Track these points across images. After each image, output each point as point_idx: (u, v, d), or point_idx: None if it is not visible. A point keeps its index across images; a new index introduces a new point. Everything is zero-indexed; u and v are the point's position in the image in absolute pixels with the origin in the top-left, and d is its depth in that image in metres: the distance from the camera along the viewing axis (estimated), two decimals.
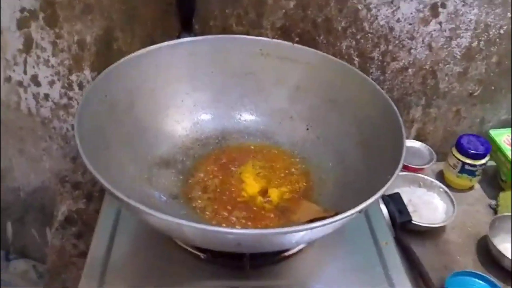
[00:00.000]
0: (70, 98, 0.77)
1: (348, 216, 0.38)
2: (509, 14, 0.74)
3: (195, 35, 0.66)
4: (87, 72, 0.74)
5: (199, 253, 0.50)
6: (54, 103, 0.77)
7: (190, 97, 0.60)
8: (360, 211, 0.39)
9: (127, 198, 0.36)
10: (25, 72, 0.74)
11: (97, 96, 0.49)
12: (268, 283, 0.50)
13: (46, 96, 0.76)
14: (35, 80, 0.75)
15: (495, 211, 0.78)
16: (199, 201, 0.53)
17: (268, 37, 0.71)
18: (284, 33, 0.72)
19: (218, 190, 0.55)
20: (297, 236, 0.39)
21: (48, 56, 0.72)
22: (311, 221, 0.40)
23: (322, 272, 0.52)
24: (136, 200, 0.37)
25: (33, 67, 0.73)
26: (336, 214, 0.40)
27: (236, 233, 0.36)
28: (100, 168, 0.40)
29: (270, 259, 0.51)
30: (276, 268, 0.51)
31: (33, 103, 0.77)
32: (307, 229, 0.37)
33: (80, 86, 0.76)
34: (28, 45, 0.71)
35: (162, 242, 0.52)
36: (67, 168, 0.84)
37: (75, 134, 0.42)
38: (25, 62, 0.73)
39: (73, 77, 0.75)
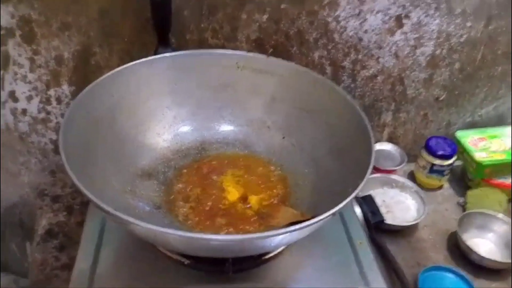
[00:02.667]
0: (48, 113, 0.77)
1: (323, 218, 0.41)
2: (468, 24, 0.79)
3: (172, 49, 0.68)
4: (65, 86, 0.75)
5: (182, 259, 0.52)
6: (32, 117, 0.77)
7: (170, 110, 0.62)
8: (334, 214, 0.41)
9: (113, 211, 0.38)
10: (2, 88, 0.74)
11: (80, 112, 0.50)
12: (250, 285, 0.52)
13: (24, 111, 0.76)
14: (13, 95, 0.75)
15: (464, 208, 0.81)
16: (182, 210, 0.55)
17: (243, 49, 0.74)
18: (259, 45, 0.75)
19: (199, 198, 0.57)
20: (277, 239, 0.41)
21: (26, 72, 0.72)
22: (290, 224, 0.42)
23: (301, 272, 0.55)
24: (121, 211, 0.39)
25: (10, 83, 0.73)
26: (313, 217, 0.42)
27: (219, 239, 0.38)
28: (85, 181, 0.41)
29: (252, 263, 0.54)
30: (258, 271, 0.53)
31: (11, 119, 0.77)
32: (286, 233, 0.40)
33: (58, 100, 0.76)
34: (5, 62, 0.71)
35: (146, 251, 0.54)
36: (46, 181, 0.84)
37: (60, 150, 0.43)
38: (2, 78, 0.73)
39: (51, 92, 0.75)
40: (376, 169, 0.83)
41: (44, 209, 0.78)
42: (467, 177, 0.86)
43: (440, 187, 0.86)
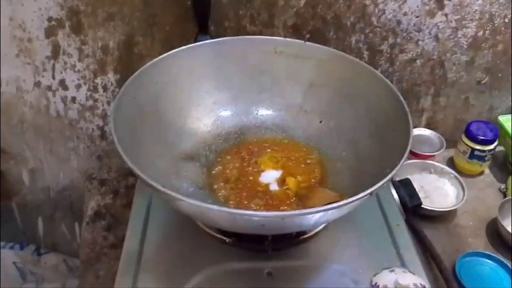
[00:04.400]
0: (95, 100, 0.81)
1: (360, 197, 0.42)
2: None
3: (211, 36, 0.70)
4: (110, 75, 0.79)
5: (224, 238, 0.55)
6: (80, 105, 0.82)
7: (210, 96, 0.64)
8: (371, 193, 0.42)
9: (165, 189, 0.40)
10: (53, 77, 0.78)
11: (128, 98, 0.53)
12: (288, 263, 0.54)
13: (73, 99, 0.81)
14: (63, 84, 0.79)
15: (505, 195, 0.80)
16: (223, 191, 0.57)
17: (280, 35, 0.75)
18: (296, 31, 0.76)
19: (239, 180, 0.59)
20: (315, 217, 0.43)
21: (75, 61, 0.77)
22: (327, 205, 0.44)
23: (338, 252, 0.56)
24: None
25: (61, 72, 0.78)
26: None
27: (261, 215, 0.40)
28: (135, 163, 0.44)
29: (290, 242, 0.55)
30: (295, 250, 0.55)
31: (61, 106, 0.82)
32: (324, 210, 0.41)
33: (105, 88, 0.80)
34: (55, 52, 0.75)
35: (190, 230, 0.57)
36: (94, 166, 0.89)
37: (113, 134, 0.46)
38: (53, 68, 0.77)
39: (98, 80, 0.79)
40: (414, 154, 0.83)
41: (92, 192, 0.82)
42: (509, 162, 0.84)
43: (481, 173, 0.85)
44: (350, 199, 0.41)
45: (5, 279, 0.92)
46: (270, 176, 0.60)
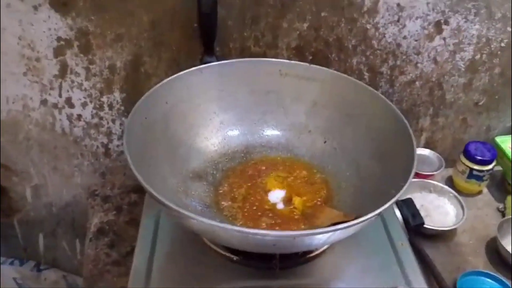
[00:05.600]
0: (101, 118, 0.82)
1: (369, 218, 0.43)
2: (509, 28, 0.79)
3: (217, 57, 0.71)
4: (116, 94, 0.80)
5: (232, 256, 0.55)
6: (86, 122, 0.82)
7: (217, 116, 0.66)
8: (379, 214, 0.43)
9: (176, 207, 0.41)
10: (60, 95, 0.79)
11: (139, 119, 0.54)
12: (296, 282, 0.55)
13: (79, 117, 0.82)
14: (69, 102, 0.80)
15: (503, 214, 0.81)
16: (230, 210, 0.58)
17: (283, 56, 0.77)
18: (299, 53, 0.78)
19: (246, 199, 0.60)
20: (325, 237, 0.44)
21: (82, 80, 0.78)
22: (333, 224, 0.45)
23: (344, 271, 0.57)
24: None
25: (67, 90, 0.79)
26: (356, 217, 0.45)
27: (274, 235, 0.41)
28: (147, 182, 0.45)
29: (297, 260, 0.56)
30: (303, 269, 0.56)
31: (67, 124, 0.82)
32: (334, 230, 0.42)
33: (110, 106, 0.81)
34: (63, 70, 0.77)
35: (198, 248, 0.57)
36: (97, 183, 0.89)
37: (126, 154, 0.47)
38: (60, 86, 0.78)
39: (104, 99, 0.80)
40: (414, 174, 0.84)
41: (96, 208, 0.83)
42: (507, 182, 0.86)
43: (479, 193, 0.86)
44: (359, 219, 0.43)
45: None
46: (276, 195, 0.61)
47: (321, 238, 0.44)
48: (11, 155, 0.85)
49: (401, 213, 0.64)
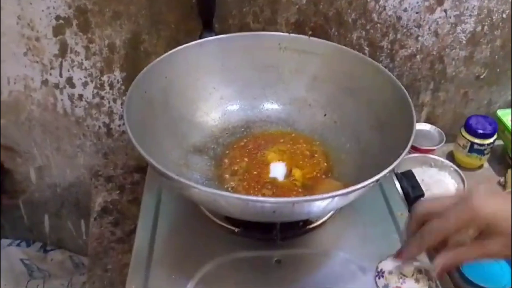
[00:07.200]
0: (102, 98, 0.83)
1: (366, 185, 0.43)
2: None
3: (216, 33, 0.71)
4: (117, 73, 0.80)
5: (233, 228, 0.56)
6: (87, 102, 0.83)
7: (217, 91, 0.66)
8: (377, 181, 0.44)
9: (179, 178, 0.42)
10: (60, 75, 0.79)
11: (138, 93, 0.55)
12: (296, 251, 0.56)
13: (80, 97, 0.82)
14: (70, 82, 0.80)
15: (504, 188, 0.81)
16: (231, 183, 0.59)
17: (283, 32, 0.76)
18: (298, 28, 0.77)
19: (246, 172, 0.60)
20: (324, 203, 0.44)
21: (82, 59, 0.78)
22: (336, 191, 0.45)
23: (344, 240, 0.58)
24: None
25: (68, 70, 0.79)
26: None
27: (272, 201, 0.42)
28: (149, 155, 0.46)
29: (297, 231, 0.57)
30: (303, 239, 0.57)
31: (68, 104, 0.83)
32: (332, 197, 0.43)
33: (111, 86, 0.81)
34: (63, 50, 0.76)
35: (200, 221, 0.58)
36: (100, 163, 0.90)
37: (126, 128, 0.47)
38: (60, 66, 0.78)
39: (105, 78, 0.80)
40: (415, 149, 0.84)
41: (99, 188, 0.83)
42: (508, 156, 0.86)
43: (480, 167, 0.86)
44: (356, 186, 0.43)
45: (13, 275, 0.93)
46: (276, 168, 0.61)
47: (320, 205, 0.45)
48: (14, 136, 0.85)
49: (401, 185, 0.64)
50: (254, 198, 0.42)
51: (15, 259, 0.96)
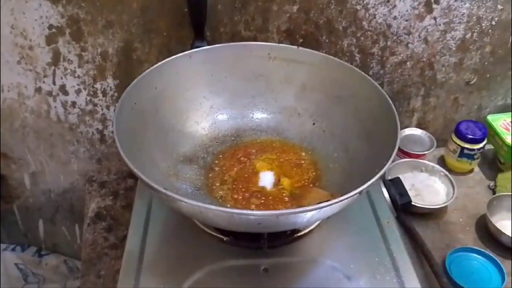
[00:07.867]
0: (95, 105, 0.83)
1: (351, 196, 0.44)
2: (499, 6, 0.79)
3: (207, 42, 0.72)
4: (109, 80, 0.81)
5: (222, 237, 0.57)
6: (80, 109, 0.83)
7: (207, 100, 0.67)
8: (361, 192, 0.45)
9: (165, 190, 0.43)
10: (54, 83, 0.80)
11: (129, 104, 0.55)
12: (284, 260, 0.56)
13: (74, 104, 0.83)
14: (63, 89, 0.81)
15: (494, 192, 0.82)
16: (220, 192, 0.59)
17: (274, 40, 0.77)
18: (289, 36, 0.78)
19: (236, 181, 0.61)
20: (309, 215, 0.45)
21: (75, 67, 0.78)
22: (320, 203, 0.46)
23: (331, 249, 0.58)
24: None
25: (61, 78, 0.80)
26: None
27: (257, 214, 0.43)
28: (136, 166, 0.47)
29: (285, 240, 0.58)
30: (290, 247, 0.58)
31: (61, 111, 0.83)
32: (316, 209, 0.43)
33: (104, 93, 0.82)
34: (56, 58, 0.77)
35: (189, 230, 0.59)
36: (93, 169, 0.91)
37: (116, 139, 0.48)
38: (53, 74, 0.79)
39: (97, 85, 0.81)
40: (406, 154, 0.85)
41: (93, 194, 0.84)
42: (498, 160, 0.86)
43: (471, 171, 0.87)
44: (340, 198, 0.44)
45: (7, 280, 0.94)
46: (265, 177, 0.62)
47: (305, 216, 0.45)
48: (8, 142, 0.86)
49: (389, 193, 0.65)
50: (239, 211, 0.43)
51: (10, 263, 0.97)
